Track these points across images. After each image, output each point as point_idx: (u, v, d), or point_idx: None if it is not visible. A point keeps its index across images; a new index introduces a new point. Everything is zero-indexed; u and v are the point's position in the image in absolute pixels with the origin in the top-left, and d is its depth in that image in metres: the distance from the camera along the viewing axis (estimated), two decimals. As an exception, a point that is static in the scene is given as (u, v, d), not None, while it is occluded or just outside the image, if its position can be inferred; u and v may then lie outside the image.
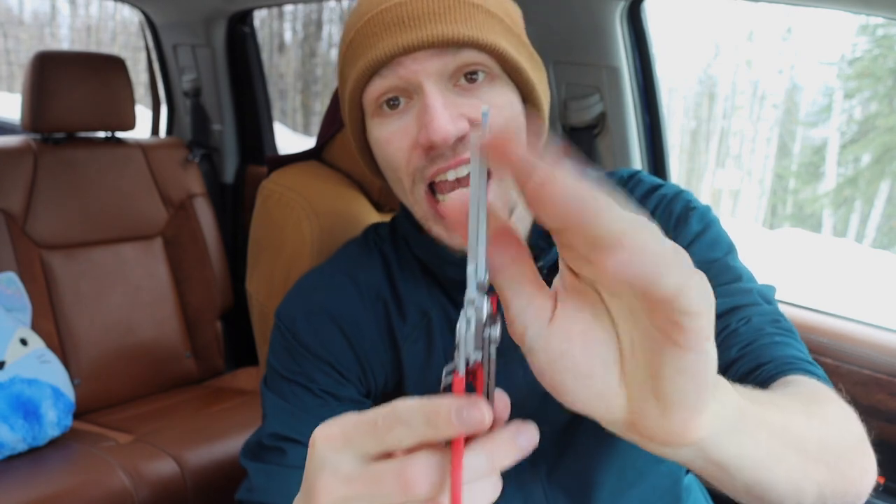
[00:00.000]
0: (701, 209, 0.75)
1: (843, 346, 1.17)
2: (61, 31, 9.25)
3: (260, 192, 1.04)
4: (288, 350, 0.74)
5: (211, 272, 2.04)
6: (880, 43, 6.54)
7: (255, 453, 0.72)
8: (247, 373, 2.03)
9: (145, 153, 2.01)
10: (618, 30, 1.30)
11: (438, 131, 0.61)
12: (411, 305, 0.76)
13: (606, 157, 1.40)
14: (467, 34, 0.63)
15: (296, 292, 0.78)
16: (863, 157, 6.83)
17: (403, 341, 0.75)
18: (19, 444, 1.47)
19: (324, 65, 9.65)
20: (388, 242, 0.79)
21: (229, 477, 1.52)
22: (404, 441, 0.33)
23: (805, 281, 4.35)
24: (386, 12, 0.64)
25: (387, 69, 0.64)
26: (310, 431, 0.70)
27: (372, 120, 0.68)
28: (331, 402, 0.72)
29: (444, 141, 0.62)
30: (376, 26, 0.64)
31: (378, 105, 0.66)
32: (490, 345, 0.34)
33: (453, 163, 0.64)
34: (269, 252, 1.01)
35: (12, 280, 1.65)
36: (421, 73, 0.63)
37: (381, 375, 0.76)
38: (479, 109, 0.63)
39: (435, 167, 0.64)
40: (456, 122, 0.63)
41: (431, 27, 0.63)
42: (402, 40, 0.63)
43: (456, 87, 0.65)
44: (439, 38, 0.62)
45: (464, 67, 0.64)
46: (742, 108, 8.05)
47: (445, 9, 0.63)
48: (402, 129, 0.65)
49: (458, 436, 0.32)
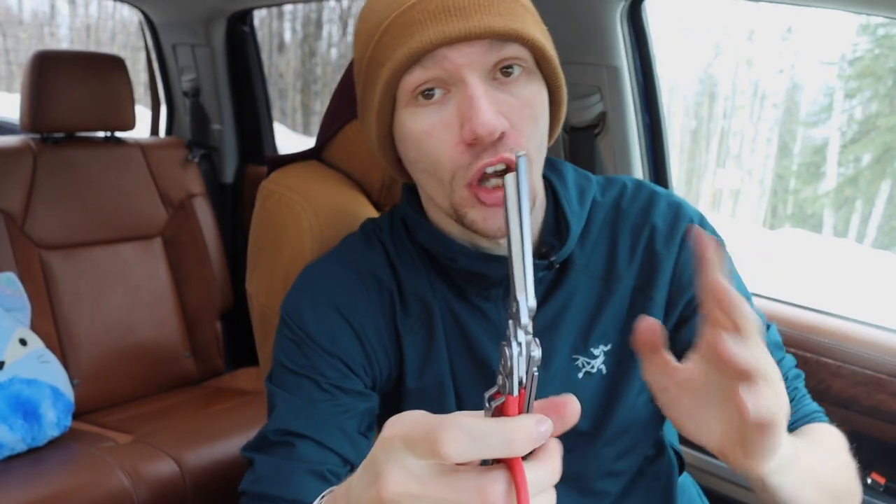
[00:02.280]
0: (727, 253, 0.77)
1: (844, 346, 1.16)
2: (61, 31, 9.25)
3: (260, 192, 1.04)
4: (296, 343, 0.74)
5: (211, 272, 2.04)
6: (881, 42, 6.54)
7: (260, 447, 0.72)
8: (247, 373, 2.02)
9: (145, 153, 2.01)
10: (618, 29, 1.30)
11: (485, 125, 0.61)
12: (413, 296, 0.76)
13: (607, 156, 1.40)
14: (513, 27, 0.62)
15: (300, 285, 0.78)
16: (864, 157, 6.83)
17: (406, 332, 0.75)
18: (18, 444, 1.47)
19: (323, 65, 9.64)
20: (387, 234, 0.79)
21: (229, 477, 1.51)
22: (478, 457, 0.36)
23: (806, 281, 4.35)
24: (430, 0, 0.63)
25: (429, 59, 0.63)
26: (317, 427, 0.70)
27: (405, 109, 0.66)
28: (338, 396, 0.72)
29: (490, 135, 0.61)
30: (420, 14, 0.62)
31: (413, 95, 0.65)
32: (532, 366, 0.38)
33: (497, 159, 0.63)
34: (268, 252, 1.01)
35: (11, 280, 1.65)
36: (465, 65, 0.62)
37: (385, 366, 0.76)
38: (515, 109, 0.64)
39: (480, 163, 0.63)
40: (499, 117, 0.62)
41: (478, 18, 0.61)
42: (449, 30, 0.61)
43: (494, 81, 0.64)
44: (486, 30, 0.61)
45: (504, 61, 0.63)
46: (742, 108, 8.05)
47: (489, 1, 0.63)
48: (442, 122, 0.64)
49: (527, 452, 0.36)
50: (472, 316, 0.75)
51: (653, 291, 0.75)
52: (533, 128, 0.65)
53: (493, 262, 0.71)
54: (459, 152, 0.64)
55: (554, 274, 0.75)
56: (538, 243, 0.75)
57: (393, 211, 0.81)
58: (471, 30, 0.61)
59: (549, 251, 0.74)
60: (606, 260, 0.76)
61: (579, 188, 0.77)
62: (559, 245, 0.74)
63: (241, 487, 0.72)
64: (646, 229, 0.76)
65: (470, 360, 0.75)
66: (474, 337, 0.74)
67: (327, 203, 0.97)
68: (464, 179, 0.65)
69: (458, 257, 0.72)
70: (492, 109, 0.62)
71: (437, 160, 0.65)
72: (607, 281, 0.76)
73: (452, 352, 0.75)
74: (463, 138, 0.63)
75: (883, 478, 1.16)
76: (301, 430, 0.70)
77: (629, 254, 0.76)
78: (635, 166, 1.39)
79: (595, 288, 0.75)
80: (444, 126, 0.64)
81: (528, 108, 0.65)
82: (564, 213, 0.74)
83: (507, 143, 0.63)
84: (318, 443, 0.70)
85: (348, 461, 0.72)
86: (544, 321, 0.74)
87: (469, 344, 0.75)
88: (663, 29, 2.98)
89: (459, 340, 0.75)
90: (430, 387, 0.75)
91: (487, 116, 0.61)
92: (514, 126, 0.64)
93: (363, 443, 0.74)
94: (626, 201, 0.78)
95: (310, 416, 0.71)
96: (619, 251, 0.76)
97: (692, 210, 0.78)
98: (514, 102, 0.64)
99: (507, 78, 0.64)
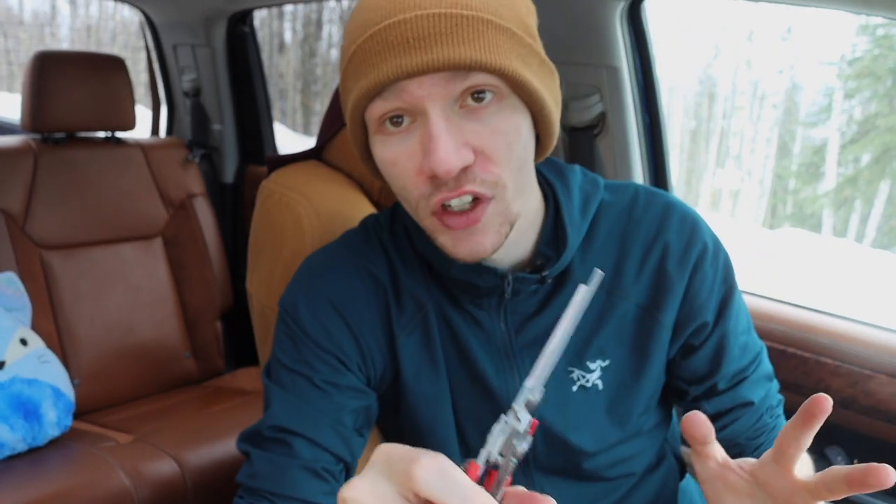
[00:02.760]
0: (732, 272, 0.77)
1: (844, 346, 1.17)
2: (61, 31, 9.25)
3: (260, 191, 1.04)
4: (291, 338, 0.74)
5: (211, 272, 2.04)
6: (880, 43, 6.54)
7: (256, 441, 0.72)
8: (247, 373, 2.03)
9: (145, 153, 2.01)
10: (618, 29, 1.30)
11: (442, 164, 0.59)
12: (409, 296, 0.75)
13: (606, 157, 1.40)
14: (475, 57, 0.58)
15: (298, 280, 0.78)
16: (863, 157, 6.83)
17: (400, 332, 0.75)
18: (19, 444, 1.47)
19: (324, 65, 9.64)
20: (387, 232, 0.79)
21: (229, 477, 1.51)
22: (438, 498, 0.37)
23: (806, 281, 4.35)
24: (389, 30, 0.59)
25: (390, 91, 0.60)
26: (311, 425, 0.71)
27: (375, 136, 0.65)
28: (332, 394, 0.72)
29: (446, 174, 0.59)
30: (379, 44, 0.60)
31: (381, 123, 0.63)
32: (511, 454, 0.39)
33: (456, 193, 0.61)
34: (269, 252, 1.01)
35: (12, 280, 1.65)
36: (426, 98, 0.59)
37: (381, 364, 0.76)
38: (485, 137, 0.61)
39: (439, 196, 0.62)
40: (460, 152, 0.60)
41: (438, 50, 0.58)
42: (407, 64, 0.58)
43: (462, 109, 0.61)
44: (446, 62, 0.58)
45: (471, 89, 0.60)
46: (742, 108, 8.05)
47: (452, 27, 0.58)
48: (406, 151, 0.62)
49: None
50: (465, 323, 0.74)
51: (660, 314, 0.73)
52: (507, 154, 0.62)
53: (484, 272, 0.70)
54: (421, 182, 0.62)
55: (552, 283, 0.73)
56: (532, 255, 0.74)
57: (395, 211, 0.80)
58: (429, 63, 0.58)
59: (544, 264, 0.72)
60: (612, 272, 0.74)
61: (584, 195, 0.75)
62: (555, 258, 0.72)
63: (238, 479, 0.72)
64: (658, 245, 0.74)
65: (463, 367, 0.75)
66: (466, 343, 0.74)
67: (327, 203, 0.97)
68: (427, 209, 0.64)
69: (452, 265, 0.71)
70: (452, 145, 0.59)
71: (403, 187, 0.65)
72: (610, 294, 0.74)
73: (448, 358, 0.75)
74: (423, 170, 0.61)
75: (882, 477, 1.16)
76: (295, 427, 0.71)
77: (637, 269, 0.74)
78: (635, 167, 1.39)
79: (595, 299, 0.73)
80: (407, 156, 0.62)
81: (499, 135, 0.62)
82: (563, 225, 0.72)
83: (473, 173, 0.61)
84: (311, 441, 0.71)
85: (342, 459, 0.73)
86: (540, 331, 0.73)
87: (462, 350, 0.75)
88: (663, 29, 2.98)
89: (453, 347, 0.75)
90: (429, 392, 0.75)
91: (445, 155, 0.59)
92: (484, 154, 0.61)
93: (357, 441, 0.74)
94: (639, 210, 0.75)
95: (304, 413, 0.71)
96: (626, 265, 0.74)
97: (706, 230, 0.76)
98: (482, 131, 0.61)
99: (478, 104, 0.61)
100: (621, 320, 0.74)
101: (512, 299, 0.72)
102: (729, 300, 0.75)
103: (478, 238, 0.64)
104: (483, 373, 0.74)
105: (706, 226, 0.77)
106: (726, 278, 0.75)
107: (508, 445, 0.39)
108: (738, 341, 0.75)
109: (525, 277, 0.70)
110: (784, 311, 1.25)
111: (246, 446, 0.73)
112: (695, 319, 0.74)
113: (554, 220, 0.73)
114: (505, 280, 0.70)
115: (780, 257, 5.21)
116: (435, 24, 0.58)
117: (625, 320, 0.74)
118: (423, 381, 0.75)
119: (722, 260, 0.76)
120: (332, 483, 0.71)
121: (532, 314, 0.73)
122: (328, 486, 0.71)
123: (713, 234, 0.77)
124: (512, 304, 0.73)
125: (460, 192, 0.61)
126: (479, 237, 0.64)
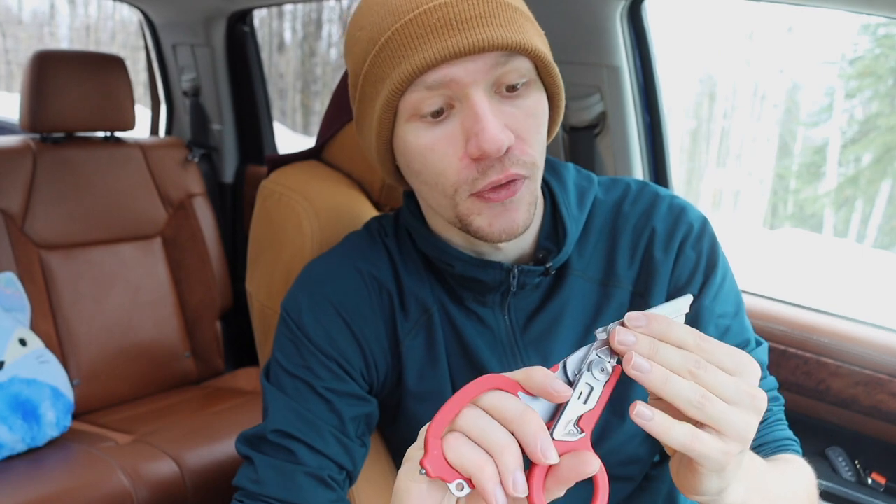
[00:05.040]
0: (721, 254, 0.76)
1: (844, 346, 1.16)
2: (60, 31, 9.25)
3: (260, 191, 1.04)
4: (294, 343, 0.74)
5: (210, 272, 2.03)
6: (881, 42, 6.54)
7: (258, 446, 0.72)
8: (246, 373, 2.02)
9: (144, 153, 2.00)
10: (618, 29, 1.30)
11: (493, 141, 0.59)
12: (413, 300, 0.75)
13: (607, 156, 1.40)
14: (517, 39, 0.60)
15: (301, 283, 0.77)
16: (864, 157, 6.83)
17: (404, 336, 0.75)
18: (18, 444, 1.47)
19: (323, 64, 9.64)
20: (391, 236, 0.79)
21: (229, 477, 1.50)
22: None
23: (806, 281, 4.35)
24: (431, 13, 0.60)
25: (431, 76, 0.60)
26: (313, 433, 0.70)
27: (407, 124, 0.64)
28: (333, 401, 0.72)
29: (497, 151, 0.60)
30: (421, 27, 0.60)
31: (415, 111, 0.63)
32: (589, 378, 0.47)
33: (504, 176, 0.62)
34: (269, 252, 1.01)
35: (11, 280, 1.65)
36: (470, 83, 0.60)
37: (384, 369, 0.76)
38: (520, 120, 0.63)
39: (488, 180, 0.62)
40: (505, 132, 0.61)
41: (481, 31, 0.59)
42: (452, 45, 0.59)
43: (497, 94, 0.62)
44: (490, 43, 0.59)
45: (509, 74, 0.61)
46: (742, 108, 8.05)
47: (491, 12, 0.60)
48: (446, 136, 0.63)
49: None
50: (468, 321, 0.74)
51: (651, 299, 0.74)
52: (537, 135, 0.65)
53: (489, 267, 0.70)
54: (464, 166, 0.63)
55: (551, 279, 0.74)
56: (533, 249, 0.74)
57: (398, 215, 0.80)
58: (475, 44, 0.59)
59: (546, 257, 0.73)
60: (605, 264, 0.75)
61: (579, 190, 0.77)
62: (556, 250, 0.73)
63: (237, 483, 0.72)
64: (646, 233, 0.75)
65: (467, 364, 0.75)
66: (470, 341, 0.74)
67: (327, 203, 0.97)
68: (468, 191, 0.64)
69: (455, 262, 0.71)
70: (498, 125, 0.60)
71: (440, 173, 0.64)
72: (605, 285, 0.75)
73: (451, 356, 0.75)
74: (469, 153, 0.62)
75: (883, 478, 1.16)
76: (298, 434, 0.70)
77: (629, 258, 0.75)
78: (635, 166, 1.39)
79: (593, 292, 0.74)
80: (447, 141, 0.63)
81: (532, 117, 0.64)
82: (562, 218, 0.73)
83: (514, 155, 0.62)
84: (314, 449, 0.70)
85: (344, 468, 0.72)
86: (541, 327, 0.73)
87: (465, 349, 0.74)
88: (663, 29, 2.98)
89: (457, 346, 0.75)
90: (430, 392, 0.75)
91: (494, 133, 0.59)
92: (520, 136, 0.63)
93: (359, 451, 0.74)
94: (629, 203, 0.77)
95: (306, 421, 0.71)
96: (618, 255, 0.75)
97: (695, 214, 0.77)
98: (518, 114, 0.63)
99: (511, 91, 0.63)
100: (617, 309, 0.75)
101: (515, 295, 0.73)
102: (710, 279, 0.74)
103: (512, 214, 0.65)
104: (487, 370, 0.74)
105: (696, 211, 0.77)
106: (710, 259, 0.75)
107: (584, 363, 0.45)
108: (716, 321, 0.74)
109: (529, 270, 0.71)
110: (785, 311, 1.25)
111: (247, 450, 0.72)
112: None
113: (552, 214, 0.75)
114: (510, 273, 0.70)
115: (781, 257, 5.20)
116: (476, 7, 0.60)
117: (621, 309, 0.74)
118: (426, 381, 0.75)
119: (707, 242, 0.75)
120: (338, 491, 0.71)
121: (535, 310, 0.74)
122: (334, 495, 0.71)
123: (702, 218, 0.77)
124: (515, 300, 0.73)
125: (507, 174, 0.62)
126: (514, 213, 0.65)
